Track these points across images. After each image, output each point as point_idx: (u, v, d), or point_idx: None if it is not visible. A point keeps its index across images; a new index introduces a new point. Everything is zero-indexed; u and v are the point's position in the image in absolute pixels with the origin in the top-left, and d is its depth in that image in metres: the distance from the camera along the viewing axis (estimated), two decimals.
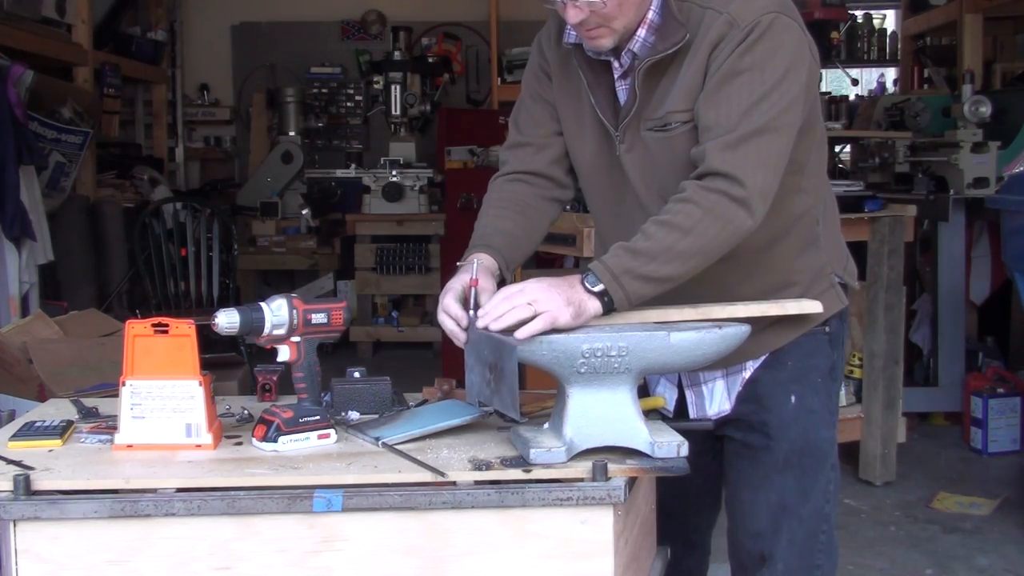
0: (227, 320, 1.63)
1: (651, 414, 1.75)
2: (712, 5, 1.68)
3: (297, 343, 1.69)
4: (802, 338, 1.85)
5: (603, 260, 1.63)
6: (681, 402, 1.94)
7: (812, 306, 1.78)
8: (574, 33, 1.76)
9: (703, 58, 1.67)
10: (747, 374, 1.87)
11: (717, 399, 1.89)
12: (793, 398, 1.85)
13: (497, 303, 1.60)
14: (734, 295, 1.76)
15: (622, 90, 1.78)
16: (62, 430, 1.70)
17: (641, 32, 1.71)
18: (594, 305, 1.62)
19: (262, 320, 1.65)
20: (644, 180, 1.78)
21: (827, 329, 1.87)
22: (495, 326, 1.58)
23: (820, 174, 1.85)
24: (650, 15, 1.71)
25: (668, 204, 1.65)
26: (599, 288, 1.61)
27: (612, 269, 1.61)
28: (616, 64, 1.77)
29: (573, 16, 1.66)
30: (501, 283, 1.82)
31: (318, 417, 1.69)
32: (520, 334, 1.56)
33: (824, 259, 1.86)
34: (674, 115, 1.71)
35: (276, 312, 1.66)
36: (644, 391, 1.92)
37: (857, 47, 7.71)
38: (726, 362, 1.81)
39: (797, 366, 1.86)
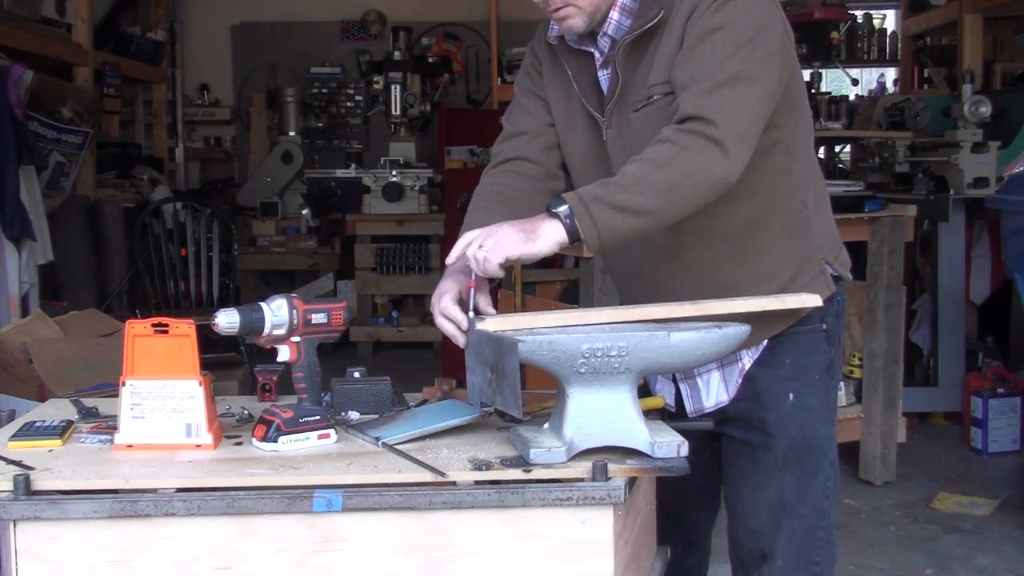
0: (227, 320, 1.63)
1: (651, 414, 1.75)
2: None
3: (297, 343, 1.69)
4: (799, 336, 1.86)
5: (575, 190, 1.62)
6: (678, 396, 1.94)
7: (812, 300, 1.77)
8: (556, 27, 1.80)
9: (679, 29, 1.70)
10: (743, 364, 1.87)
11: (714, 390, 1.89)
12: (791, 396, 1.86)
13: (456, 251, 1.64)
14: (723, 279, 1.77)
15: (604, 77, 1.81)
16: (62, 430, 1.70)
17: (615, 15, 1.74)
18: (553, 227, 1.59)
19: (262, 320, 1.65)
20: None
21: (824, 326, 1.87)
22: (449, 260, 1.64)
23: (808, 157, 1.86)
24: None
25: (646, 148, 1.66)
26: (562, 209, 1.59)
27: (581, 195, 1.60)
28: (596, 53, 1.80)
29: None
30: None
31: (318, 417, 1.69)
32: (476, 266, 1.59)
33: (814, 246, 1.86)
34: (656, 87, 1.73)
35: (276, 312, 1.66)
36: (644, 391, 1.92)
37: (857, 47, 7.71)
38: None
39: (795, 364, 1.86)
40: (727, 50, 1.64)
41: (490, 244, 1.59)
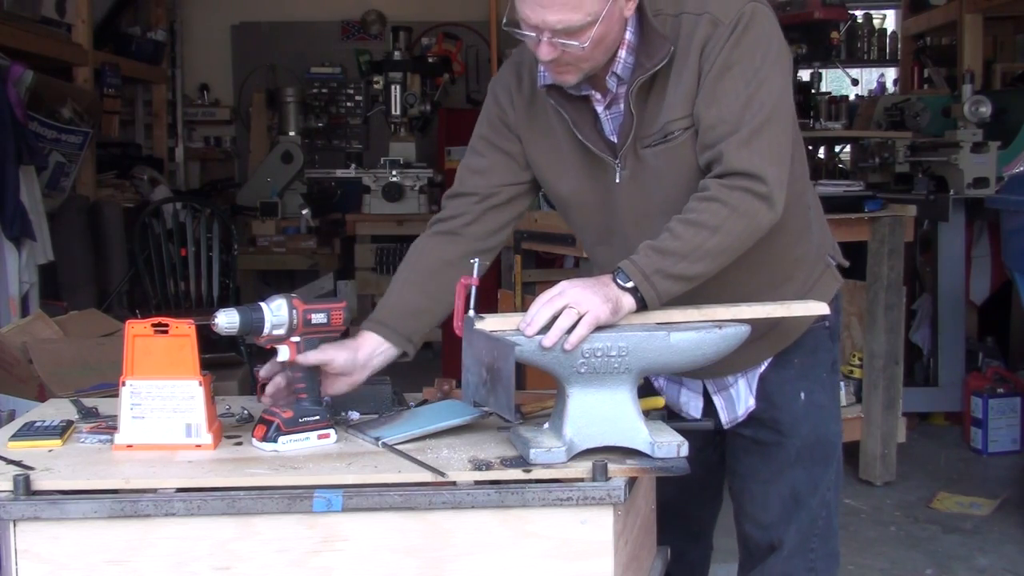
0: (227, 320, 1.63)
1: (651, 414, 1.75)
2: (685, 9, 1.68)
3: (297, 343, 1.69)
4: (805, 334, 1.88)
5: (633, 260, 1.62)
6: (708, 407, 1.94)
7: (818, 307, 1.78)
8: (547, 75, 1.72)
9: (694, 62, 1.66)
10: (760, 369, 1.89)
11: (743, 398, 1.91)
12: (803, 395, 1.88)
13: (538, 310, 1.58)
14: (739, 290, 1.76)
15: (610, 118, 1.75)
16: (62, 430, 1.70)
17: (622, 53, 1.69)
18: (628, 301, 1.61)
19: (262, 320, 1.65)
20: (640, 207, 1.75)
21: (827, 323, 1.90)
22: (547, 342, 1.56)
23: (802, 159, 1.86)
24: (628, 36, 1.68)
25: (691, 203, 1.64)
26: (631, 285, 1.61)
27: (643, 269, 1.61)
28: (596, 96, 1.74)
29: (546, 53, 1.62)
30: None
31: (318, 417, 1.69)
32: (569, 344, 1.56)
33: (816, 242, 1.89)
34: (674, 123, 1.68)
35: (276, 312, 1.66)
36: (645, 391, 1.92)
37: (857, 47, 7.72)
38: (744, 363, 1.84)
39: (803, 363, 1.89)
40: (751, 88, 1.63)
41: (584, 309, 1.56)
